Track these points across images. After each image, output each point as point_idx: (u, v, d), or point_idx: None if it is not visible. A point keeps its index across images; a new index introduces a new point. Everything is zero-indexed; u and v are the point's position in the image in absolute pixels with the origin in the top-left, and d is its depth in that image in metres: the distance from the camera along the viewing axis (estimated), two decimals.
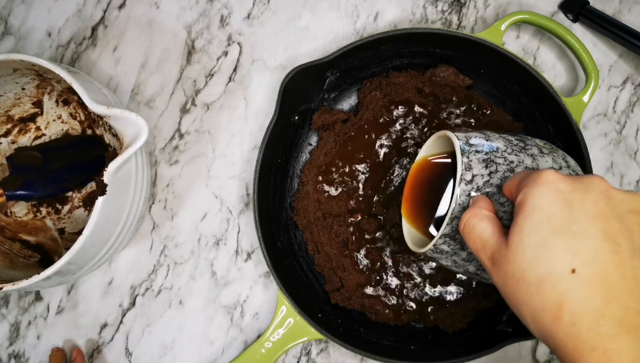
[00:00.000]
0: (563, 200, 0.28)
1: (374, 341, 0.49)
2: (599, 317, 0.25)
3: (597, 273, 0.26)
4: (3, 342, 0.53)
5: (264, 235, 0.48)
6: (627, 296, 0.26)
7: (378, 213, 0.51)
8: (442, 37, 0.48)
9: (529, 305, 0.28)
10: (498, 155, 0.36)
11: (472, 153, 0.36)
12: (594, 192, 0.28)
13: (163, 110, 0.55)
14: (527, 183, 0.29)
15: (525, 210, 0.29)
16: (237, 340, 0.52)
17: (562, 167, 0.37)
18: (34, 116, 0.52)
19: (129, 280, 0.53)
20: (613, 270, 0.26)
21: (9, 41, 0.56)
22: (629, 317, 0.25)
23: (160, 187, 0.54)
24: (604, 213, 0.27)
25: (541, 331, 0.28)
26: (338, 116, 0.52)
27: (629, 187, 0.53)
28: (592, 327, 0.25)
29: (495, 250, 0.30)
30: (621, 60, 0.54)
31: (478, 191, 0.35)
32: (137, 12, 0.55)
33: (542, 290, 0.27)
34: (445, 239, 0.37)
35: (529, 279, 0.27)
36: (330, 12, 0.55)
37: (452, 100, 0.51)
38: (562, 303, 0.26)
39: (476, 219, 0.32)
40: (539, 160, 0.36)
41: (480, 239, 0.31)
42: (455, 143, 0.37)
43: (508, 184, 0.33)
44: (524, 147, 0.37)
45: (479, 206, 0.33)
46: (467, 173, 0.35)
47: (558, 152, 0.38)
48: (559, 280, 0.26)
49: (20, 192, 0.47)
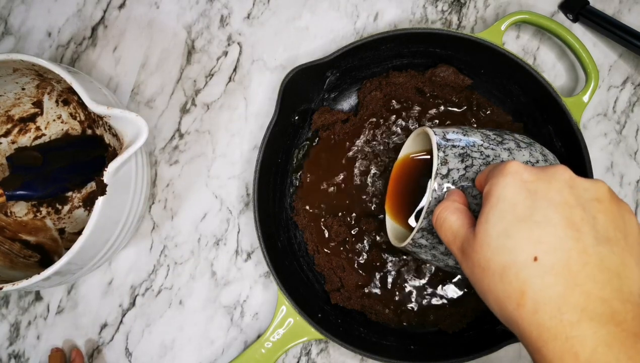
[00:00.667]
0: (527, 190, 0.28)
1: (374, 341, 0.49)
2: (560, 305, 0.26)
3: (559, 261, 0.26)
4: (3, 342, 0.53)
5: (264, 235, 0.48)
6: (590, 283, 0.26)
7: (378, 213, 0.51)
8: (442, 37, 0.48)
9: (494, 293, 0.28)
10: (475, 150, 0.37)
11: (449, 148, 0.37)
12: (557, 181, 0.28)
13: (163, 110, 0.55)
14: (494, 175, 0.30)
15: (490, 201, 0.29)
16: (237, 340, 0.52)
17: (538, 161, 0.37)
18: (34, 116, 0.52)
19: (129, 280, 0.53)
20: (575, 258, 0.26)
21: (9, 41, 0.56)
22: (591, 304, 0.25)
23: (160, 187, 0.54)
24: (568, 201, 0.28)
25: (506, 319, 0.28)
26: (338, 116, 0.52)
27: (629, 187, 0.53)
28: (554, 314, 0.26)
29: (464, 241, 0.30)
30: (621, 60, 0.54)
31: (454, 185, 0.35)
32: (137, 12, 0.55)
33: (506, 279, 0.27)
34: (423, 233, 0.37)
35: (493, 268, 0.28)
36: (330, 12, 0.55)
37: (452, 100, 0.51)
38: (525, 291, 0.26)
39: (447, 212, 0.33)
40: (515, 154, 0.37)
41: (451, 231, 0.32)
42: (432, 138, 0.38)
43: (479, 177, 0.33)
44: (501, 141, 0.38)
45: (451, 199, 0.34)
46: (442, 167, 0.36)
47: (535, 145, 0.38)
48: (522, 268, 0.27)
49: (20, 192, 0.47)
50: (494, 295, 0.28)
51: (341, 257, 0.51)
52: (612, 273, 0.26)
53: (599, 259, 0.26)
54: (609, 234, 0.27)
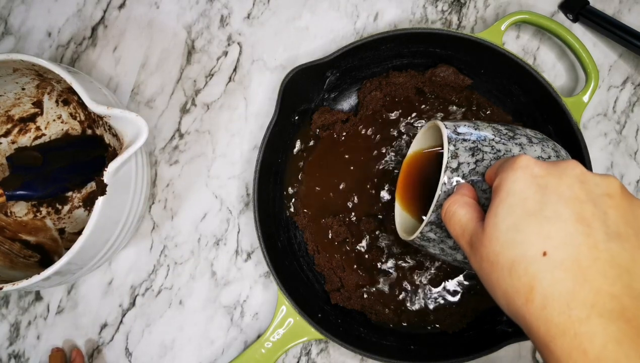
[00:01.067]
0: (537, 185, 0.28)
1: (374, 341, 0.49)
2: (569, 300, 0.25)
3: (569, 256, 0.26)
4: (3, 342, 0.53)
5: (264, 235, 0.48)
6: (600, 279, 0.25)
7: (378, 213, 0.51)
8: (442, 37, 0.48)
9: (502, 287, 0.28)
10: (485, 144, 0.36)
11: (460, 141, 0.36)
12: (568, 176, 0.28)
13: (163, 110, 0.55)
14: (504, 169, 0.30)
15: (500, 194, 0.29)
16: (237, 340, 0.52)
17: (550, 156, 0.37)
18: (34, 116, 0.52)
19: (129, 280, 0.53)
20: (585, 253, 0.26)
21: (9, 41, 0.56)
22: (601, 300, 0.25)
23: (160, 187, 0.54)
24: (578, 197, 0.27)
25: (514, 314, 0.28)
26: (338, 116, 0.52)
27: (629, 187, 0.53)
28: (563, 310, 0.25)
29: (473, 235, 0.30)
30: (621, 60, 0.54)
31: (464, 178, 0.35)
32: (137, 12, 0.55)
33: (514, 273, 0.27)
34: (432, 227, 0.37)
35: (502, 262, 0.28)
36: (330, 12, 0.55)
37: (452, 100, 0.51)
38: (534, 286, 0.26)
39: (456, 206, 0.32)
40: (527, 149, 0.36)
41: (459, 225, 0.32)
42: (443, 131, 0.37)
43: (489, 171, 0.33)
44: (512, 136, 0.37)
45: (460, 193, 0.33)
46: (452, 161, 0.35)
47: (548, 141, 0.38)
48: (531, 263, 0.26)
49: (20, 192, 0.47)
50: (502, 290, 0.28)
51: (341, 257, 0.51)
52: (622, 270, 0.26)
53: (609, 255, 0.26)
54: (619, 230, 0.27)
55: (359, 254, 0.51)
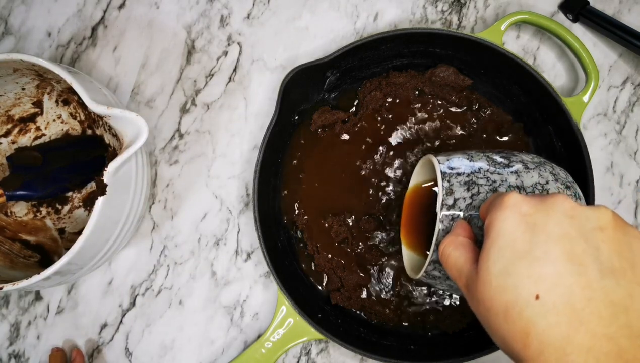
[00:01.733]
0: (525, 224, 0.27)
1: (374, 341, 0.49)
2: (565, 345, 0.25)
3: (561, 298, 0.25)
4: (3, 342, 0.53)
5: (264, 235, 0.48)
6: (595, 320, 0.25)
7: (378, 213, 0.51)
8: (442, 37, 0.48)
9: (499, 333, 0.27)
10: (480, 176, 0.36)
11: (454, 176, 0.36)
12: (557, 213, 0.27)
13: (163, 110, 0.55)
14: (494, 207, 0.29)
15: (491, 236, 0.28)
16: (237, 340, 0.52)
17: (548, 181, 0.36)
18: (34, 116, 0.52)
19: (129, 280, 0.53)
20: (578, 294, 0.25)
21: (9, 41, 0.56)
22: (597, 343, 0.24)
23: (160, 187, 0.54)
24: (568, 234, 0.26)
25: (515, 358, 0.27)
26: (338, 116, 0.52)
27: (629, 187, 0.53)
28: (559, 356, 0.25)
29: (468, 278, 0.30)
30: (621, 60, 0.54)
31: (461, 214, 0.35)
32: (137, 12, 0.55)
33: (509, 318, 0.26)
34: (435, 265, 0.36)
35: (496, 307, 0.27)
36: (330, 12, 0.55)
37: (452, 100, 0.51)
38: (529, 332, 0.25)
39: (451, 247, 0.32)
40: (523, 176, 0.36)
41: (455, 267, 0.31)
42: (436, 168, 0.37)
43: (482, 208, 0.32)
44: (508, 164, 0.36)
45: (455, 233, 0.33)
46: (448, 197, 0.35)
47: (545, 165, 0.37)
48: (524, 307, 0.26)
49: (20, 192, 0.47)
50: (500, 335, 0.27)
51: (341, 257, 0.51)
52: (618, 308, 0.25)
53: (603, 294, 0.25)
54: (613, 265, 0.26)
55: (359, 254, 0.51)
